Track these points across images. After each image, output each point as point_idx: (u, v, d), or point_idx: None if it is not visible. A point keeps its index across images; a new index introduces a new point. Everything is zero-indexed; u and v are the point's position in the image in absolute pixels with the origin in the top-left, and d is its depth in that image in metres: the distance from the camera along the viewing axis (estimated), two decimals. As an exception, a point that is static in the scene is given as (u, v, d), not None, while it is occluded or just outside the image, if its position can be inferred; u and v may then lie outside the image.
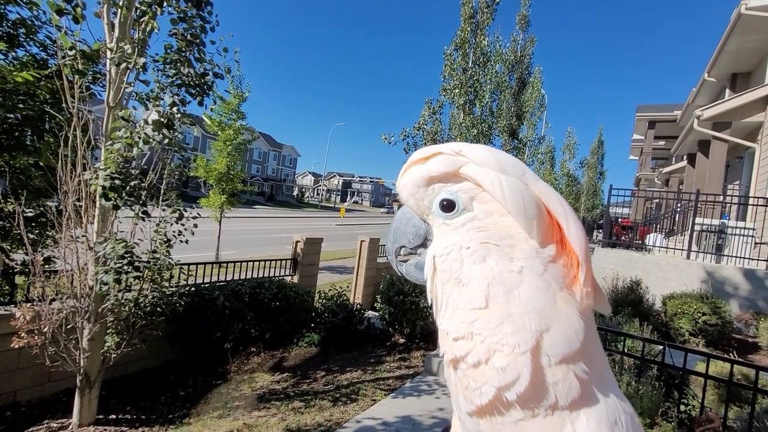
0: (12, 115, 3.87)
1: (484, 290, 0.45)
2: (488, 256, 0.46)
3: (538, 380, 0.43)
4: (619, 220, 16.78)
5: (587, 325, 0.45)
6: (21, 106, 3.86)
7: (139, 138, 2.99)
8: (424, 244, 0.55)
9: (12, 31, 4.02)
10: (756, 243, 6.86)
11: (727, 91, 10.90)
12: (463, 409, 0.48)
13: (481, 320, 0.45)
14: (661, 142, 20.29)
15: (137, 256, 3.03)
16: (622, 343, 3.20)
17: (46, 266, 3.46)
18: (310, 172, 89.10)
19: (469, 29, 7.99)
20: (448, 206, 0.50)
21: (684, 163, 14.04)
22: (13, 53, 4.07)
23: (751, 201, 7.71)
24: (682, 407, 2.81)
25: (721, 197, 8.56)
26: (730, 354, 3.95)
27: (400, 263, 0.57)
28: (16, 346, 2.80)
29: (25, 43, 4.14)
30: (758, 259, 6.47)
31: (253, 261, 5.75)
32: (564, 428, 0.43)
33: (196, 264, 4.90)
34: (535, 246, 0.46)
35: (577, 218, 0.47)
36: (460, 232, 0.49)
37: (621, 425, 0.44)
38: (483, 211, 0.49)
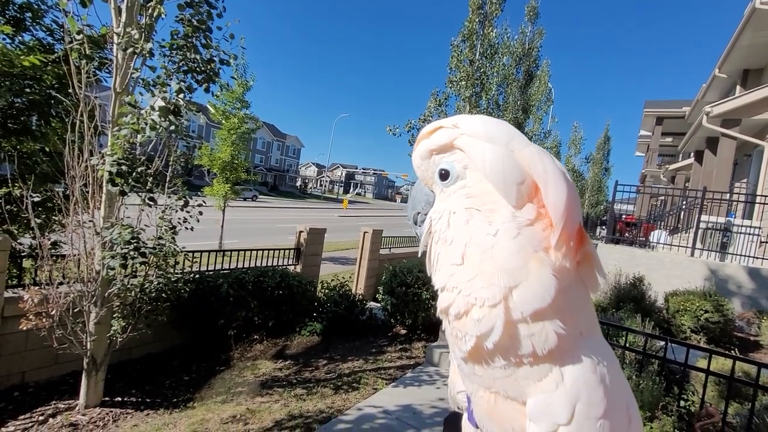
0: (19, 100, 3.87)
1: (461, 249, 0.50)
2: (471, 219, 0.51)
3: (512, 332, 0.47)
4: (624, 216, 16.70)
5: (563, 285, 0.47)
6: (27, 90, 3.86)
7: (146, 124, 2.99)
8: None
9: (18, 15, 4.01)
10: (761, 242, 6.82)
11: (738, 87, 10.73)
12: (457, 355, 0.54)
13: (457, 275, 0.50)
14: (669, 139, 20.07)
15: (143, 242, 3.05)
16: (624, 338, 3.20)
17: (53, 250, 3.49)
18: (313, 163, 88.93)
19: (477, 20, 7.87)
20: (445, 175, 0.56)
21: (691, 160, 13.90)
22: (20, 37, 4.06)
23: (758, 199, 7.64)
24: (683, 402, 2.82)
25: (728, 195, 8.49)
26: (732, 352, 3.95)
27: (417, 227, 0.63)
28: (25, 328, 2.85)
29: (31, 28, 4.13)
30: (763, 258, 6.43)
31: (257, 250, 5.77)
32: (552, 371, 0.47)
33: (201, 252, 4.93)
34: (513, 211, 0.48)
35: (559, 180, 0.48)
36: (452, 198, 0.55)
37: (603, 364, 0.49)
38: (474, 178, 0.53)
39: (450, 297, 0.51)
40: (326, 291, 6.01)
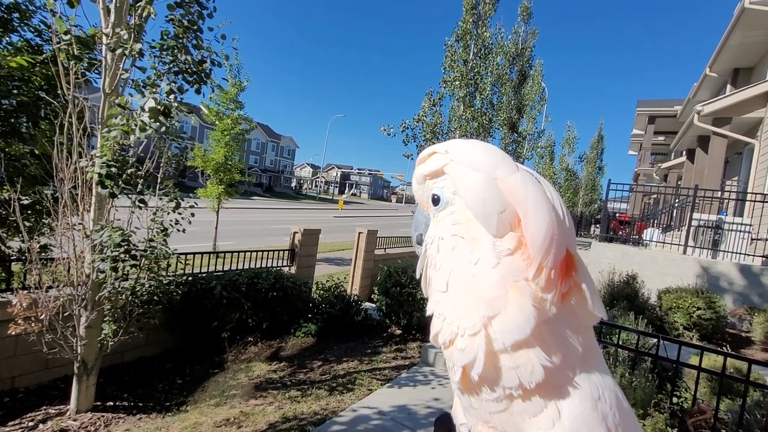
0: (6, 101, 3.82)
1: (446, 277, 0.51)
2: (456, 247, 0.51)
3: (496, 363, 0.46)
4: (617, 215, 16.83)
5: (546, 316, 0.45)
6: (15, 92, 3.81)
7: (136, 125, 2.96)
8: None
9: (6, 16, 3.95)
10: (752, 239, 6.89)
11: (729, 86, 10.85)
12: (453, 386, 0.53)
13: (442, 303, 0.51)
14: (661, 138, 20.25)
15: (134, 245, 3.02)
16: (617, 335, 3.22)
17: (43, 254, 3.45)
18: (308, 164, 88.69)
19: (470, 20, 7.90)
20: (437, 200, 0.56)
21: (683, 158, 14.04)
22: (7, 38, 4.01)
23: (748, 197, 7.73)
24: (675, 399, 2.84)
25: (719, 193, 8.57)
26: (724, 348, 3.99)
27: (419, 247, 0.64)
28: (14, 333, 2.81)
29: (19, 28, 4.07)
30: (754, 255, 6.50)
31: (251, 251, 5.74)
32: (547, 406, 0.46)
33: (194, 254, 4.90)
34: (493, 240, 0.48)
35: (540, 210, 0.46)
36: (441, 224, 0.55)
37: (605, 400, 0.47)
38: (460, 205, 0.52)
39: (438, 324, 0.51)
40: (321, 292, 5.99)
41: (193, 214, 3.46)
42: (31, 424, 3.05)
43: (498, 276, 0.46)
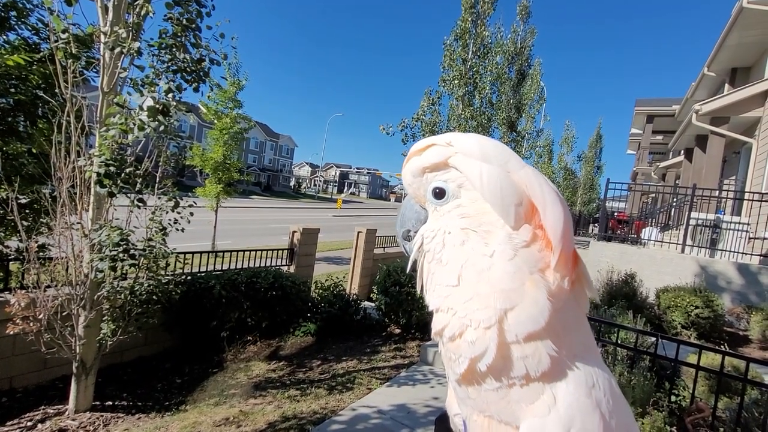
0: (4, 100, 3.81)
1: (457, 270, 0.50)
2: (467, 240, 0.51)
3: (506, 354, 0.47)
4: (615, 214, 16.88)
5: (557, 306, 0.47)
6: (13, 90, 3.79)
7: (134, 124, 2.95)
8: None
9: (2, 14, 3.93)
10: (750, 238, 6.91)
11: (726, 86, 10.87)
12: (451, 378, 0.53)
13: (452, 296, 0.50)
14: (659, 137, 20.29)
15: (133, 244, 3.01)
16: (615, 334, 3.23)
17: (41, 253, 3.44)
18: (307, 163, 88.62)
19: (469, 19, 7.89)
20: (439, 194, 0.55)
21: (681, 157, 14.07)
22: (4, 36, 3.98)
23: (746, 196, 7.75)
24: (673, 397, 2.85)
25: (717, 192, 8.59)
26: (722, 346, 4.01)
27: (406, 243, 0.63)
28: (12, 333, 2.80)
29: (16, 26, 4.05)
30: (751, 254, 6.52)
31: (250, 251, 5.74)
32: (543, 393, 0.47)
33: (192, 253, 4.89)
34: (509, 232, 0.48)
35: (557, 203, 0.48)
36: (446, 218, 0.54)
37: (599, 387, 0.48)
38: (469, 198, 0.52)
39: (445, 318, 0.51)
40: (320, 291, 5.98)
41: (191, 213, 3.45)
42: (29, 424, 3.04)
43: (514, 268, 0.47)
